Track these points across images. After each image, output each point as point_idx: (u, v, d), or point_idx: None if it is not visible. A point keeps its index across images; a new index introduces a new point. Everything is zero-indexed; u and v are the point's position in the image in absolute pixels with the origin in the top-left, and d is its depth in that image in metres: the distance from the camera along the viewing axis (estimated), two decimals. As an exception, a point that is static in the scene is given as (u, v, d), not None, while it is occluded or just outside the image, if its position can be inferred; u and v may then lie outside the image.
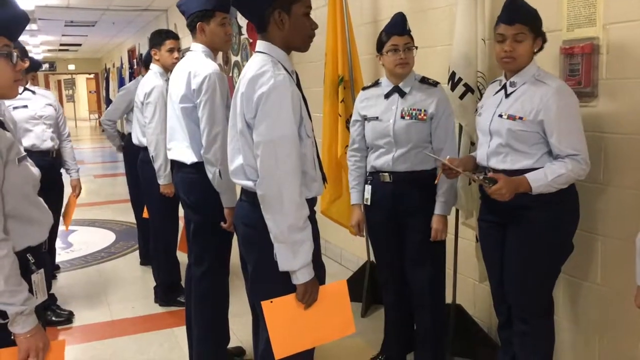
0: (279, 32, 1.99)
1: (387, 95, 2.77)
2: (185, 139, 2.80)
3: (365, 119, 2.84)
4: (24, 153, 1.78)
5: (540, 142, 2.27)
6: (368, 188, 2.84)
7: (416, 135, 2.71)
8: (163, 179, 3.74)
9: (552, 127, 2.23)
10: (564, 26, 2.55)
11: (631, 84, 2.35)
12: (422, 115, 2.69)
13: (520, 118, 2.27)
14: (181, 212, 3.27)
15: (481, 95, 2.81)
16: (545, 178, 2.20)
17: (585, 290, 2.67)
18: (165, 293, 4.12)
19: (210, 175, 2.73)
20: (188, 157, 2.81)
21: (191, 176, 2.83)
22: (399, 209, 2.76)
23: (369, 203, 2.84)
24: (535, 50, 2.32)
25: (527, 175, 2.23)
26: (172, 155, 2.93)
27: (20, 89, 3.86)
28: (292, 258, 1.92)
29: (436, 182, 2.60)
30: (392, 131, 2.71)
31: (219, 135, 2.68)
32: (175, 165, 2.94)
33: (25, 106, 3.95)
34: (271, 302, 1.97)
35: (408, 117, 2.70)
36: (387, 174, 2.77)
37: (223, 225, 2.80)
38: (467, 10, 2.81)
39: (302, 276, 1.95)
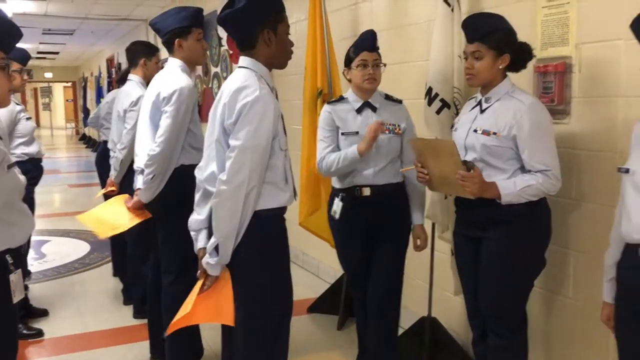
0: (267, 50, 2.12)
1: (359, 111, 2.79)
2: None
3: (341, 133, 2.80)
4: (13, 160, 1.87)
5: (513, 157, 2.31)
6: (338, 202, 2.82)
7: (394, 149, 2.77)
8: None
9: (524, 143, 2.27)
10: (538, 45, 2.60)
11: (602, 102, 2.41)
12: (398, 129, 2.76)
13: (495, 133, 2.31)
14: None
15: (457, 110, 2.86)
16: (514, 187, 2.24)
17: (557, 304, 2.71)
18: (142, 305, 4.07)
19: (146, 176, 2.81)
20: None
21: None
22: (376, 221, 2.79)
23: (337, 216, 2.82)
24: (502, 67, 2.35)
25: (498, 182, 2.26)
26: (139, 162, 2.96)
27: None
28: (226, 252, 2.05)
29: (402, 170, 2.74)
30: (375, 145, 2.71)
31: (166, 145, 2.78)
32: (142, 172, 2.95)
33: None
34: None
35: (387, 132, 2.74)
36: (367, 187, 2.77)
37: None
38: (444, 27, 2.87)
39: (214, 270, 2.08)
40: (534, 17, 2.64)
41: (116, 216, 3.05)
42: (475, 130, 2.37)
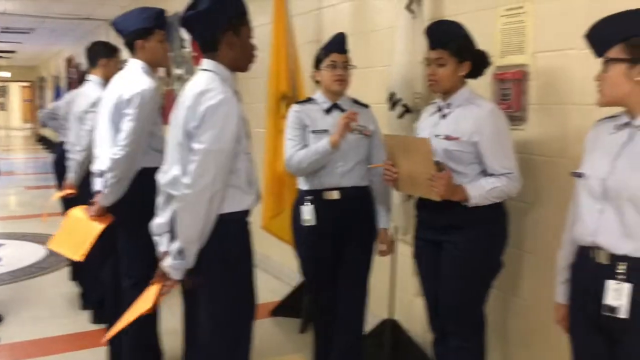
0: (230, 53, 2.11)
1: (327, 111, 2.80)
2: (113, 149, 2.81)
3: (311, 131, 2.77)
4: None
5: (474, 162, 2.37)
6: (307, 209, 2.77)
7: (362, 151, 2.77)
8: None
9: (486, 148, 2.32)
10: (497, 53, 2.67)
11: (556, 110, 2.49)
12: (367, 131, 2.74)
13: (456, 139, 2.36)
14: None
15: (419, 115, 2.91)
16: (482, 189, 2.29)
17: (513, 305, 2.77)
18: (100, 310, 4.00)
19: (109, 180, 2.78)
20: None
21: None
22: (343, 226, 2.77)
23: (311, 223, 2.76)
24: (462, 74, 2.40)
25: (466, 185, 2.31)
26: (98, 165, 2.92)
27: None
28: (190, 256, 2.06)
29: (370, 166, 2.74)
30: (343, 145, 2.70)
31: (130, 149, 2.75)
32: (102, 175, 2.91)
33: None
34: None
35: (357, 132, 2.73)
36: (335, 191, 2.76)
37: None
38: (406, 33, 2.91)
39: (177, 274, 2.09)
40: (493, 25, 2.71)
41: (81, 231, 2.98)
42: (437, 135, 2.42)
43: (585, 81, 2.33)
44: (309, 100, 2.87)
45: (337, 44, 2.77)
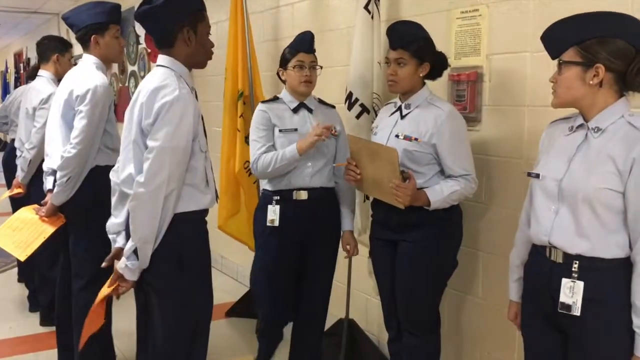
0: (186, 49, 2.07)
1: (295, 110, 2.75)
2: (65, 146, 2.75)
3: (279, 130, 2.71)
4: None
5: (432, 162, 2.39)
6: (273, 209, 2.71)
7: (330, 151, 2.75)
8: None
9: (445, 150, 2.35)
10: (452, 54, 2.71)
11: (509, 111, 2.54)
12: (334, 131, 2.71)
13: (416, 139, 2.38)
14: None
15: (376, 115, 2.93)
16: (442, 193, 2.33)
17: (468, 304, 2.82)
18: (49, 311, 3.89)
19: (57, 176, 2.71)
20: None
21: None
22: (311, 226, 2.72)
23: (275, 224, 2.70)
24: (422, 75, 2.43)
25: (427, 190, 2.34)
26: (50, 163, 2.84)
27: None
28: (145, 256, 2.00)
29: (335, 165, 2.72)
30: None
31: (82, 147, 2.69)
32: (53, 173, 2.83)
33: None
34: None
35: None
36: (303, 191, 2.71)
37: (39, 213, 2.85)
38: (364, 33, 2.93)
39: (132, 274, 2.03)
40: (449, 27, 2.75)
41: (30, 230, 2.87)
42: (397, 136, 2.44)
43: (537, 83, 2.40)
44: (275, 99, 2.82)
45: (305, 44, 2.71)
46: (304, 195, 2.70)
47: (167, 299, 2.08)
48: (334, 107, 2.89)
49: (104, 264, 2.14)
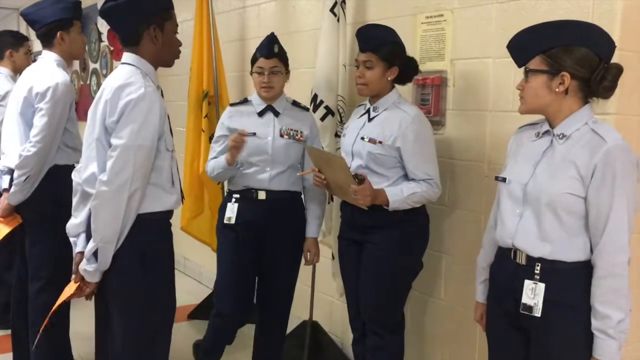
0: (152, 47, 2.04)
1: (260, 114, 2.73)
2: (23, 144, 2.68)
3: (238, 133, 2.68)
4: None
5: (396, 166, 2.41)
6: (232, 207, 2.72)
7: (293, 155, 2.72)
8: None
9: (408, 154, 2.38)
10: (417, 59, 2.73)
11: (472, 115, 2.58)
12: (299, 136, 2.71)
13: (380, 142, 2.40)
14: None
15: (341, 118, 2.94)
16: (401, 194, 2.35)
17: (430, 305, 2.85)
18: (5, 314, 3.78)
19: (15, 175, 2.65)
20: None
21: None
22: (270, 228, 2.70)
23: (232, 222, 2.70)
24: (390, 79, 2.45)
25: (386, 189, 2.35)
26: (6, 162, 2.77)
27: None
28: (106, 257, 1.96)
29: (299, 174, 2.72)
30: (271, 149, 2.67)
31: (42, 145, 2.64)
32: (10, 172, 2.76)
33: None
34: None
35: (287, 137, 2.69)
36: (262, 191, 2.70)
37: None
38: (330, 35, 2.94)
39: (92, 276, 1.99)
40: (414, 31, 2.78)
41: None
42: (362, 138, 2.45)
43: (499, 89, 2.44)
44: (244, 101, 2.81)
45: (264, 49, 2.67)
46: (262, 195, 2.70)
47: (129, 302, 2.03)
48: (307, 109, 2.86)
49: (73, 278, 2.07)
